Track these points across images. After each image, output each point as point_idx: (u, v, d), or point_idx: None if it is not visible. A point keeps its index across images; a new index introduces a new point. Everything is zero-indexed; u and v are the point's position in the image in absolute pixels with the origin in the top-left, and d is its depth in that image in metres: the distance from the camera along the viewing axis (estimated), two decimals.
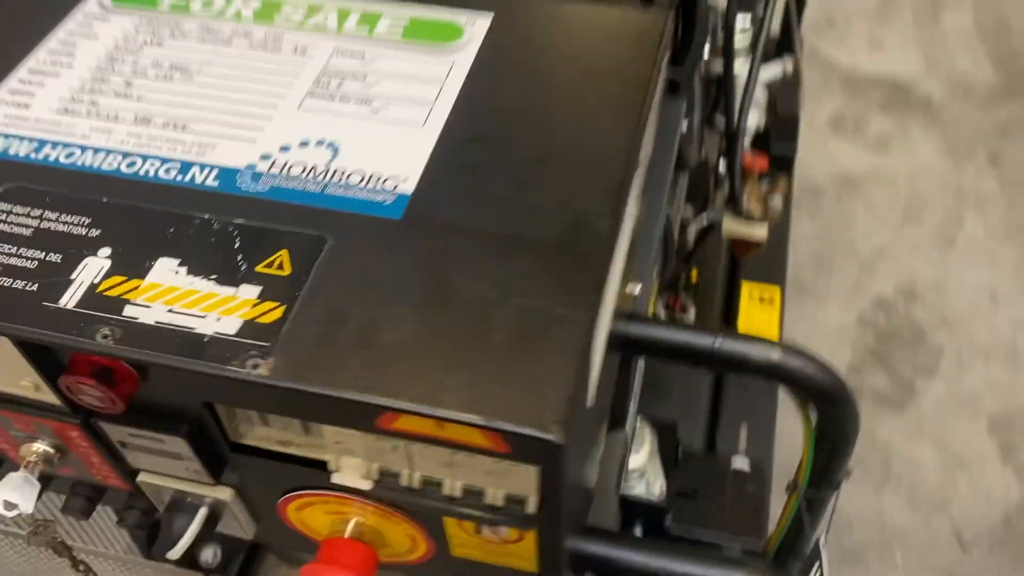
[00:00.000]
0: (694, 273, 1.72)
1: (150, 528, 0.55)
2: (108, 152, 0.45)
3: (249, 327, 0.37)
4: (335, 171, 0.43)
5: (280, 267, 0.39)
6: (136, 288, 0.39)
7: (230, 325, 0.37)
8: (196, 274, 0.39)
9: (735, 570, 0.61)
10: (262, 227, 0.41)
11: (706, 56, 1.36)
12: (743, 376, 0.70)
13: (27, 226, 0.41)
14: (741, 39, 1.38)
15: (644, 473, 1.08)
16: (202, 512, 0.52)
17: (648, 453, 1.29)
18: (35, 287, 0.39)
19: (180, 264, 0.39)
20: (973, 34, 2.94)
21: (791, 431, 1.14)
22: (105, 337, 0.37)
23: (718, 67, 1.32)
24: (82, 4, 0.53)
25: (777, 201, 1.45)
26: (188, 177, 0.44)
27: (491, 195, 0.43)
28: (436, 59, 0.49)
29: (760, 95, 1.47)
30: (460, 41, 0.51)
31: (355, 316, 0.38)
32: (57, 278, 0.39)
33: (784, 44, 2.15)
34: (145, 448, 0.48)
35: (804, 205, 2.42)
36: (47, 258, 0.40)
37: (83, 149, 0.45)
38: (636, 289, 0.70)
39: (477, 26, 0.51)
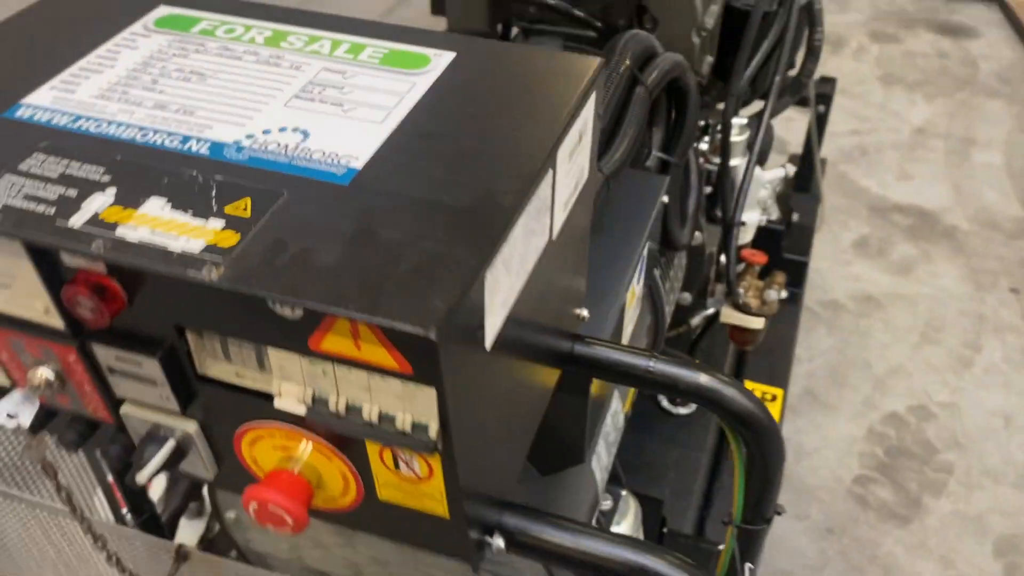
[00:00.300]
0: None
1: (127, 463, 0.63)
2: (128, 126, 0.56)
3: (209, 248, 0.47)
4: (302, 149, 0.54)
5: (244, 210, 0.49)
6: (129, 216, 0.49)
7: (195, 245, 0.47)
8: (177, 209, 0.49)
9: (649, 553, 0.66)
10: (235, 182, 0.51)
11: (705, 146, 1.47)
12: (676, 396, 0.76)
13: (55, 171, 0.52)
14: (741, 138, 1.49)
15: None
16: (170, 443, 0.61)
17: (630, 525, 1.34)
18: (52, 211, 0.49)
19: (167, 202, 0.49)
20: (1003, 172, 3.02)
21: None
22: (98, 246, 0.46)
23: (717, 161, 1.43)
24: (131, 25, 0.66)
25: (773, 295, 1.52)
26: (186, 146, 0.54)
27: (424, 173, 0.52)
28: (403, 79, 0.60)
29: (764, 195, 1.56)
30: (426, 68, 0.62)
31: (293, 246, 0.47)
32: (69, 206, 0.49)
33: (805, 163, 2.27)
34: (126, 373, 0.57)
35: (824, 320, 2.47)
36: (65, 193, 0.50)
37: (109, 123, 0.56)
38: (584, 312, 0.78)
39: (443, 58, 0.62)
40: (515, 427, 0.64)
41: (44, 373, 0.59)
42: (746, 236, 1.60)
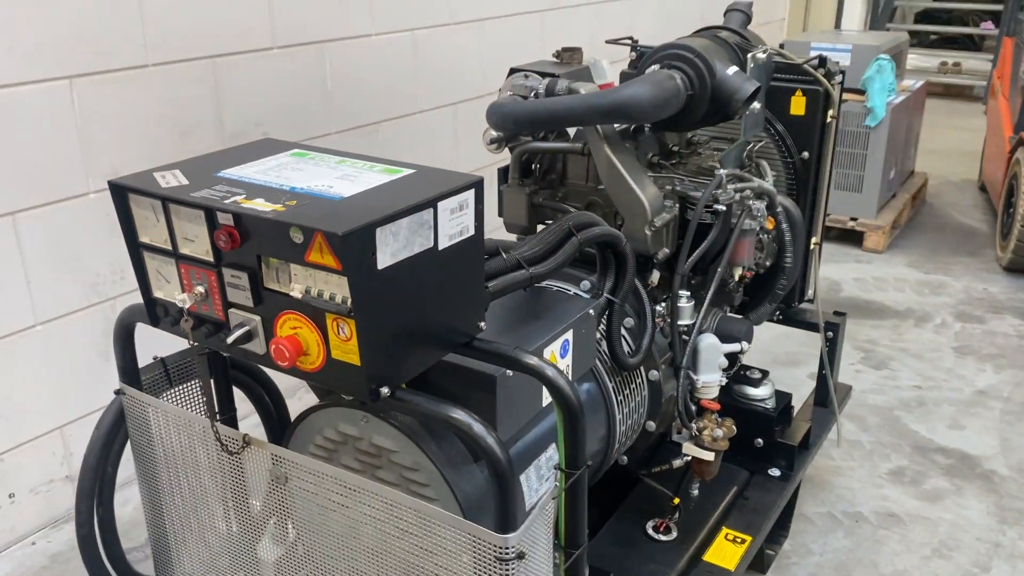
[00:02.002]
0: (676, 500, 2.21)
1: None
2: (263, 180, 1.28)
3: (273, 211, 1.15)
4: (326, 190, 1.23)
5: (293, 203, 1.17)
6: (248, 202, 1.18)
7: (270, 211, 1.15)
8: (268, 202, 1.18)
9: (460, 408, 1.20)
10: (292, 194, 1.20)
11: (661, 308, 2.03)
12: (522, 371, 1.32)
13: (224, 189, 1.23)
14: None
15: None
16: (247, 328, 1.25)
17: None
18: (218, 199, 1.19)
19: (265, 200, 1.18)
20: None
21: None
22: (230, 207, 1.15)
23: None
24: (279, 154, 1.40)
25: (719, 433, 2.00)
26: (280, 185, 1.25)
27: (370, 199, 1.19)
28: (384, 176, 1.29)
29: (723, 361, 2.06)
30: (398, 174, 1.31)
31: (306, 214, 1.14)
32: (225, 198, 1.20)
33: (821, 383, 2.73)
34: (233, 284, 1.23)
35: (844, 526, 2.77)
36: (225, 194, 1.20)
37: (253, 178, 1.28)
38: (482, 324, 1.38)
39: (407, 171, 1.32)
40: (413, 336, 1.24)
41: (200, 288, 1.28)
42: (710, 392, 2.08)
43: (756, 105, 2.05)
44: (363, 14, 3.44)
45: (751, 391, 2.48)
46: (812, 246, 2.59)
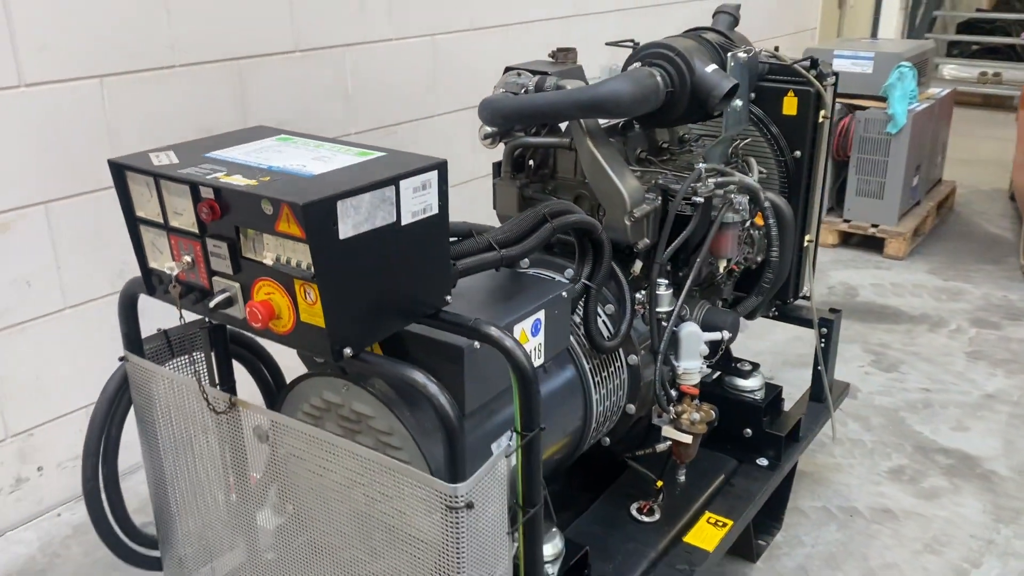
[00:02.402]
0: (659, 483, 2.28)
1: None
2: (243, 160, 1.40)
3: (248, 186, 1.27)
4: (300, 168, 1.35)
5: (268, 179, 1.28)
6: (228, 177, 1.30)
7: (247, 186, 1.28)
8: (245, 178, 1.29)
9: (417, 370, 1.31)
10: (268, 172, 1.32)
11: (640, 295, 2.12)
12: (478, 341, 1.42)
13: (209, 167, 1.35)
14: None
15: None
16: (227, 294, 1.37)
17: (552, 548, 1.88)
18: (203, 175, 1.31)
19: (243, 177, 1.30)
20: None
21: None
22: (212, 182, 1.27)
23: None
24: (265, 139, 1.53)
25: (696, 417, 2.08)
26: (260, 165, 1.37)
27: (337, 176, 1.31)
28: (355, 157, 1.41)
29: (704, 349, 2.14)
30: (368, 156, 1.42)
31: (278, 188, 1.26)
32: (208, 174, 1.32)
33: (816, 379, 2.79)
34: (215, 254, 1.35)
35: (838, 520, 2.82)
36: (209, 172, 1.32)
37: (237, 159, 1.41)
38: (448, 298, 1.48)
39: (376, 154, 1.43)
40: (376, 303, 1.35)
41: (187, 257, 1.41)
42: (691, 379, 2.16)
43: (738, 103, 2.13)
44: (383, 20, 3.58)
45: (741, 382, 2.55)
46: (806, 243, 2.65)
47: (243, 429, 1.61)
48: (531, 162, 2.24)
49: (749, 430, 2.53)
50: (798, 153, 2.54)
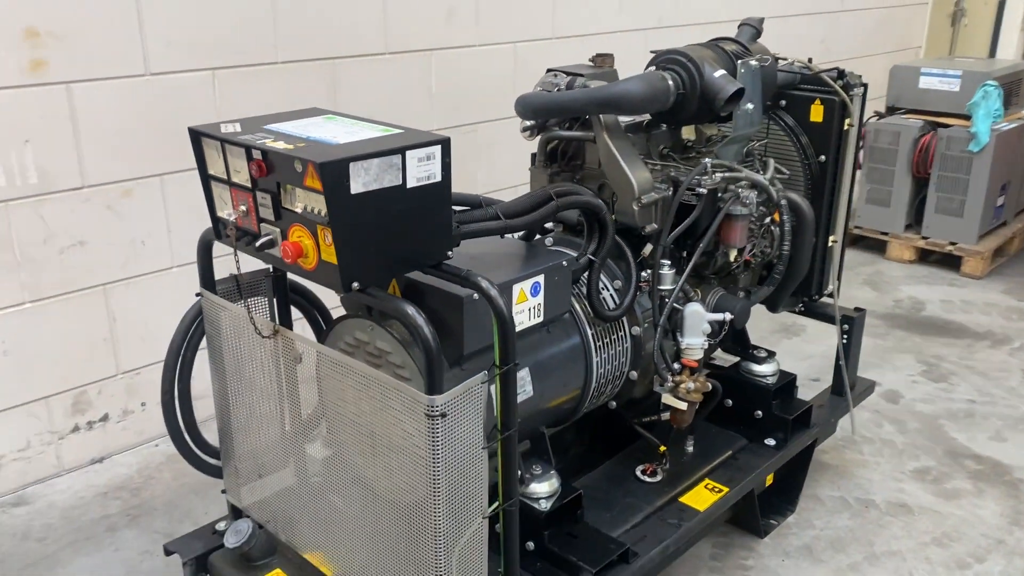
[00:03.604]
0: (662, 448, 2.52)
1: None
2: (291, 132, 1.75)
3: (287, 149, 1.61)
4: (333, 137, 1.68)
5: (303, 146, 1.61)
6: (274, 143, 1.64)
7: (287, 149, 1.61)
8: (287, 144, 1.63)
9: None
10: (305, 140, 1.66)
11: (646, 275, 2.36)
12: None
13: (266, 136, 1.70)
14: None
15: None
16: (271, 236, 1.71)
17: (548, 487, 2.16)
18: (256, 141, 1.66)
19: (285, 143, 1.63)
20: None
21: None
22: (261, 145, 1.61)
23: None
24: (316, 116, 1.87)
25: (692, 387, 2.32)
26: (301, 135, 1.71)
27: (359, 146, 1.63)
28: (380, 131, 1.74)
29: (706, 328, 2.36)
30: (391, 131, 1.75)
31: (309, 152, 1.59)
32: (260, 140, 1.66)
33: (838, 373, 2.95)
34: (262, 204, 1.69)
35: (852, 509, 2.96)
36: (259, 137, 1.67)
37: (286, 130, 1.75)
38: (450, 253, 1.78)
39: (396, 131, 1.75)
40: (382, 249, 1.66)
41: (242, 206, 1.77)
42: (694, 354, 2.38)
43: (749, 106, 2.36)
44: (471, 27, 3.93)
45: (755, 367, 2.76)
46: (830, 243, 2.83)
47: (289, 361, 1.96)
48: (566, 154, 2.52)
49: (760, 412, 2.72)
50: (823, 158, 2.72)
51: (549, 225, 2.53)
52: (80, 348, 3.07)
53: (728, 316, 2.39)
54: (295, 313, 2.22)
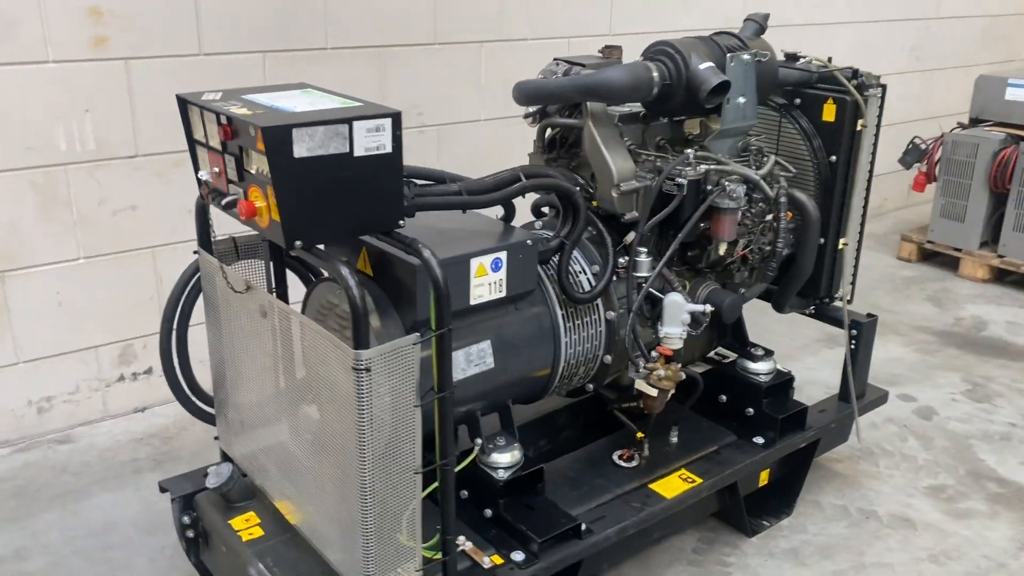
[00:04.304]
0: (640, 435, 2.55)
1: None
2: (263, 101, 1.88)
3: (246, 115, 1.75)
4: (294, 106, 1.81)
5: (262, 113, 1.75)
6: (239, 110, 1.79)
7: (246, 115, 1.76)
8: (250, 111, 1.78)
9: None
10: (268, 109, 1.79)
11: (623, 260, 2.39)
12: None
13: (236, 104, 1.85)
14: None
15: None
16: (235, 196, 1.86)
17: (509, 458, 2.24)
18: (227, 108, 1.81)
19: (250, 112, 1.77)
20: None
21: None
22: (227, 111, 1.76)
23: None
24: (293, 90, 2.01)
25: (662, 374, 2.35)
26: (270, 105, 1.85)
27: (316, 113, 1.76)
28: (343, 102, 1.86)
29: (686, 318, 2.38)
30: (353, 103, 1.87)
31: (265, 119, 1.73)
32: (229, 107, 1.82)
33: (844, 381, 2.90)
34: (229, 166, 1.84)
35: (851, 518, 2.90)
36: (228, 104, 1.82)
37: (260, 99, 1.89)
38: (403, 223, 1.89)
39: (356, 103, 1.87)
40: (327, 212, 1.78)
41: (215, 168, 1.93)
42: (672, 343, 2.40)
43: (740, 99, 2.36)
44: (522, 21, 4.03)
45: (749, 364, 2.75)
46: (840, 246, 2.79)
47: (278, 327, 2.10)
48: (567, 140, 2.59)
49: (751, 409, 2.71)
50: (833, 158, 2.69)
51: (546, 210, 2.62)
52: (128, 304, 3.33)
53: (709, 308, 2.41)
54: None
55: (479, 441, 2.25)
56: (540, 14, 4.07)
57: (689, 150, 2.33)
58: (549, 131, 2.56)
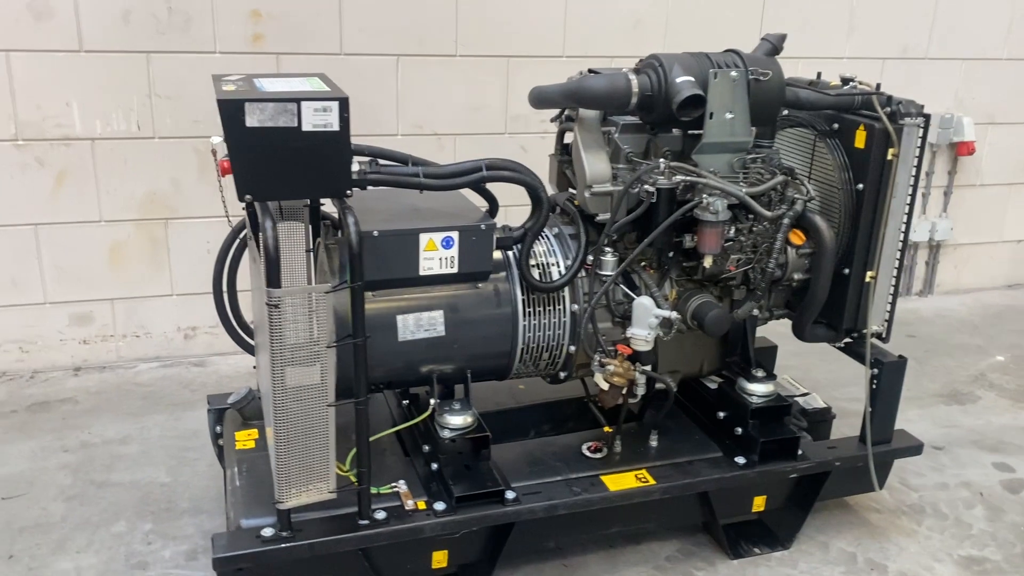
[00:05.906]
0: (607, 428, 2.64)
1: None
2: (256, 85, 2.30)
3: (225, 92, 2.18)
4: (269, 88, 2.20)
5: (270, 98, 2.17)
6: (232, 88, 2.21)
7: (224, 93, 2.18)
8: (238, 90, 2.20)
9: None
10: (277, 94, 2.19)
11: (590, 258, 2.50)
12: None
13: (237, 85, 2.26)
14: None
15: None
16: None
17: (460, 421, 2.49)
18: (221, 88, 2.25)
19: (236, 89, 2.20)
20: None
21: None
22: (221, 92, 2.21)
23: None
24: (301, 78, 2.40)
25: (612, 369, 2.46)
26: (256, 87, 2.26)
27: (278, 93, 2.14)
28: (308, 87, 2.22)
29: (653, 321, 2.45)
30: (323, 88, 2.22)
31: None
32: (227, 87, 2.25)
33: (863, 433, 2.79)
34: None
35: (855, 568, 2.75)
36: (228, 87, 2.25)
37: (265, 84, 2.31)
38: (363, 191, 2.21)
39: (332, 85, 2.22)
40: (277, 174, 2.14)
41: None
42: (638, 344, 2.48)
43: (728, 115, 2.40)
44: (657, 37, 4.17)
45: (746, 384, 2.73)
46: (867, 279, 2.67)
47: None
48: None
49: (739, 429, 2.69)
50: (860, 186, 2.60)
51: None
52: None
53: (675, 315, 2.47)
54: None
55: (433, 402, 2.51)
56: (676, 32, 4.17)
57: (662, 160, 2.41)
58: (567, 135, 2.74)
